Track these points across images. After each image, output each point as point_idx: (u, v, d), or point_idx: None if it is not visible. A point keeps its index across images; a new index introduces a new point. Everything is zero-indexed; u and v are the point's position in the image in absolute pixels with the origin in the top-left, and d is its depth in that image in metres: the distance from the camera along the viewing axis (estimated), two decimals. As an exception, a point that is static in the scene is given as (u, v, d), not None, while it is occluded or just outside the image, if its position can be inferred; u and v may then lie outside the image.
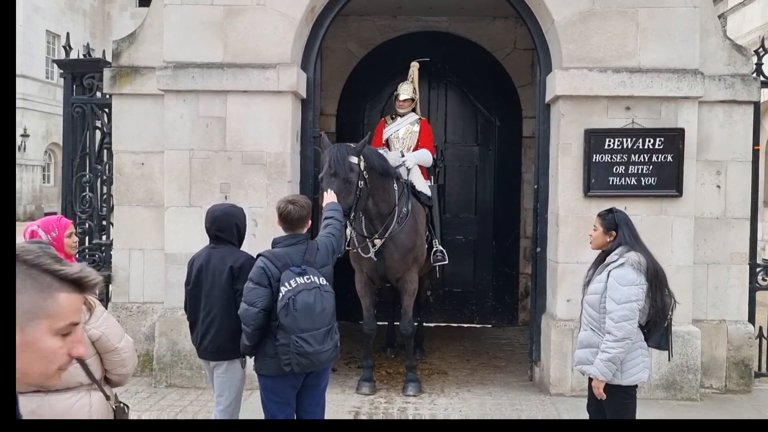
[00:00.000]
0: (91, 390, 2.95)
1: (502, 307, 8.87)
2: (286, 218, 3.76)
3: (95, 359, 3.11)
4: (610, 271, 3.69)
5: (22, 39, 23.41)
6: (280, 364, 3.59)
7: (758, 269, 6.24)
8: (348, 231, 5.50)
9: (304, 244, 3.75)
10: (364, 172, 5.26)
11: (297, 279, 3.54)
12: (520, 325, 8.62)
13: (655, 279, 3.69)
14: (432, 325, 8.59)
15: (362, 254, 5.70)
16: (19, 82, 23.12)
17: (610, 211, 3.91)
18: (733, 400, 5.81)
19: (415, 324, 7.18)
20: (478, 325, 8.78)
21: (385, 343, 7.23)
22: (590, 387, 3.85)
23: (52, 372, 1.37)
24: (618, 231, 3.80)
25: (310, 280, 3.56)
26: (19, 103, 23.50)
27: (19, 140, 24.13)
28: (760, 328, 6.22)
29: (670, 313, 3.78)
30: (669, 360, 4.07)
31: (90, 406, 2.88)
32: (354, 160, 5.16)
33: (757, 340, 6.18)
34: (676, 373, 5.72)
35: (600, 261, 3.85)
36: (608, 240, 3.82)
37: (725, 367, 6.00)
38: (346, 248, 5.57)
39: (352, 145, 5.35)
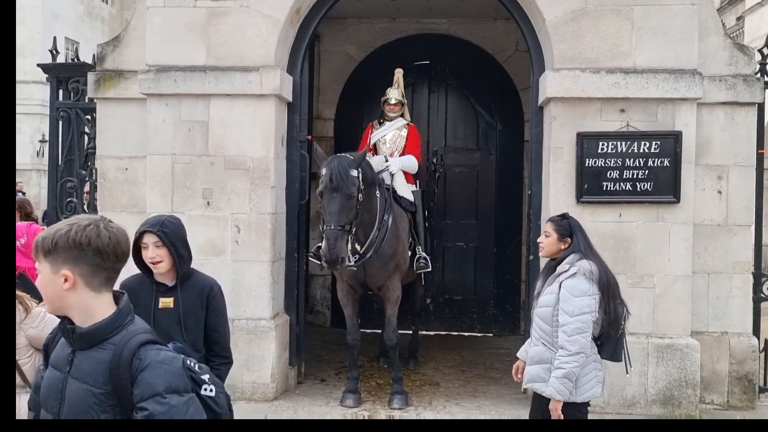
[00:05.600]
0: (23, 393, 2.88)
1: (503, 315, 8.64)
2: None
3: (31, 362, 3.03)
4: (561, 282, 3.48)
5: (40, 46, 23.61)
6: None
7: (763, 279, 5.95)
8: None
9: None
10: (362, 185, 5.15)
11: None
12: (522, 335, 8.35)
13: (608, 289, 3.49)
14: (432, 333, 8.40)
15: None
16: (38, 88, 23.30)
17: (564, 216, 3.73)
18: (735, 416, 5.53)
19: (410, 332, 7.02)
20: (479, 334, 8.55)
21: (378, 352, 7.03)
22: (534, 400, 3.64)
23: None
24: (573, 238, 3.59)
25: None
26: (36, 110, 23.75)
27: (37, 146, 24.39)
28: (765, 341, 5.93)
29: (623, 323, 3.57)
30: (626, 373, 3.82)
31: (19, 409, 2.81)
32: (354, 173, 5.04)
33: (762, 353, 5.89)
34: (674, 388, 5.45)
35: (550, 271, 3.64)
36: (562, 247, 3.62)
37: (727, 382, 5.71)
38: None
39: (350, 156, 5.22)
